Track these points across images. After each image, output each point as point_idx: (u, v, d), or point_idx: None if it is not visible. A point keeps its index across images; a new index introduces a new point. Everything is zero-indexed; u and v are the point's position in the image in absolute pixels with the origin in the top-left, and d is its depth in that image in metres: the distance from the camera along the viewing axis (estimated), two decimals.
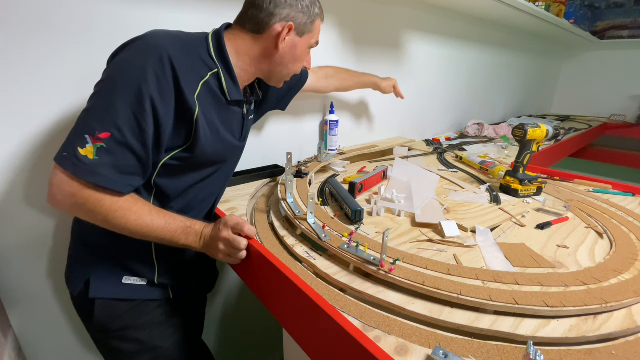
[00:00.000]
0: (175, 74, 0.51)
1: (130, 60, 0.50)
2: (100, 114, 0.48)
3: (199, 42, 0.58)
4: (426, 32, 1.49)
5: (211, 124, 0.59)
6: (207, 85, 0.57)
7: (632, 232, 0.67)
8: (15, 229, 0.68)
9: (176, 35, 0.56)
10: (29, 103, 0.63)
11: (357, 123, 1.32)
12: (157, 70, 0.49)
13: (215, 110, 0.60)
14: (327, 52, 1.13)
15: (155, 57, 0.50)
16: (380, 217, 0.73)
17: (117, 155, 0.49)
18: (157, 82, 0.49)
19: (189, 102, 0.53)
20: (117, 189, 0.50)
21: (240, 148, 0.72)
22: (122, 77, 0.49)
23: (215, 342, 1.15)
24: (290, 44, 0.63)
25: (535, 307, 0.43)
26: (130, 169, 0.51)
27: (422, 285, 0.47)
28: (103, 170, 0.48)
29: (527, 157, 0.87)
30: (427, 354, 0.38)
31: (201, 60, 0.56)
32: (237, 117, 0.67)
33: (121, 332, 0.64)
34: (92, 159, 0.47)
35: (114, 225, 0.52)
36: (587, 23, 2.59)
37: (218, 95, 0.59)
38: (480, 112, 2.08)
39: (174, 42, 0.53)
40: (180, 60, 0.52)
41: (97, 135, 0.47)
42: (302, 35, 0.64)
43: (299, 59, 0.67)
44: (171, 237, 0.56)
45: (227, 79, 0.60)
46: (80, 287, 0.62)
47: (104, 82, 0.51)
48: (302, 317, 0.49)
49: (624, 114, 2.51)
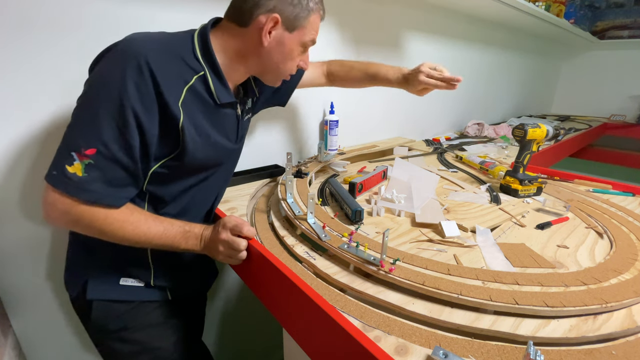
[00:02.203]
0: (155, 82, 0.48)
1: (109, 71, 0.49)
2: (84, 130, 0.47)
3: (182, 43, 0.55)
4: (426, 32, 1.49)
5: (200, 129, 0.56)
6: (193, 90, 0.54)
7: (632, 232, 0.67)
8: (15, 229, 0.68)
9: (157, 38, 0.53)
10: (29, 102, 0.63)
11: (357, 123, 1.32)
12: (137, 80, 0.47)
13: (205, 115, 0.57)
14: (327, 52, 1.13)
15: (133, 66, 0.47)
16: (380, 217, 0.73)
17: (106, 171, 0.48)
18: (137, 93, 0.47)
19: (172, 110, 0.51)
20: (110, 203, 0.50)
21: (236, 150, 0.70)
22: (102, 90, 0.48)
23: (215, 342, 1.15)
24: (277, 39, 0.58)
25: (535, 307, 0.43)
26: (121, 181, 0.51)
27: (422, 285, 0.47)
28: (93, 186, 0.48)
29: (527, 157, 0.87)
30: (427, 354, 0.38)
31: (185, 63, 0.53)
32: (231, 119, 0.64)
33: (119, 333, 0.63)
34: (82, 175, 0.46)
35: (112, 237, 0.52)
36: (587, 23, 2.59)
37: (206, 99, 0.56)
38: (480, 112, 2.08)
39: (153, 47, 0.50)
40: (161, 67, 0.49)
41: (83, 152, 0.46)
42: (292, 31, 0.58)
43: (289, 57, 0.61)
44: (171, 243, 0.56)
45: (215, 82, 0.57)
46: (78, 289, 0.62)
47: (85, 96, 0.50)
48: (302, 317, 0.49)
49: (624, 114, 2.51)
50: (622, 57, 2.59)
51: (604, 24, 2.66)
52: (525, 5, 1.46)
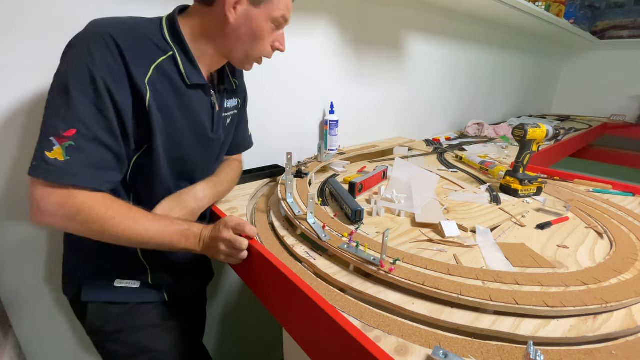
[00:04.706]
0: (122, 55, 0.48)
1: (75, 52, 0.48)
2: (60, 112, 0.46)
3: (149, 25, 0.54)
4: (426, 32, 1.49)
5: (166, 111, 0.55)
6: (161, 70, 0.53)
7: (632, 232, 0.67)
8: (15, 230, 0.68)
9: (121, 19, 0.52)
10: (26, 102, 0.63)
11: (357, 123, 1.32)
12: (103, 52, 0.47)
13: (174, 97, 0.56)
14: (328, 52, 1.13)
15: (99, 41, 0.47)
16: (380, 217, 0.73)
17: (88, 152, 0.47)
18: (105, 63, 0.47)
19: (139, 86, 0.50)
20: (93, 187, 0.48)
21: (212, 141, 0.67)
22: (70, 70, 0.47)
23: (215, 341, 1.15)
24: (243, 15, 0.56)
25: (535, 307, 0.43)
26: (105, 163, 0.49)
27: (422, 285, 0.47)
28: (76, 169, 0.46)
29: (527, 157, 0.87)
30: (427, 354, 0.38)
31: (152, 43, 0.53)
32: (204, 105, 0.62)
33: (115, 335, 0.63)
34: (63, 160, 0.45)
35: (111, 234, 0.50)
36: (587, 23, 2.59)
37: (175, 80, 0.55)
38: (480, 112, 2.08)
39: (117, 25, 0.50)
40: (126, 41, 0.49)
41: (62, 134, 0.45)
42: (259, 5, 0.56)
43: (259, 35, 0.59)
44: (170, 241, 0.55)
45: (185, 62, 0.56)
46: (74, 291, 0.62)
47: (56, 81, 0.48)
48: (302, 317, 0.49)
49: (624, 114, 2.51)
50: (622, 57, 2.59)
51: (604, 24, 2.65)
52: (525, 5, 1.46)
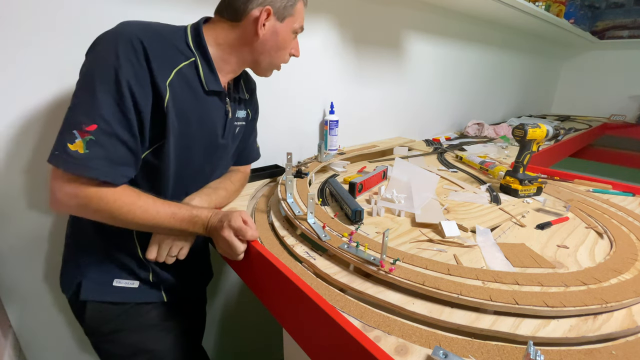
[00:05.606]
0: (147, 58, 0.51)
1: (103, 51, 0.50)
2: (84, 108, 0.48)
3: (175, 31, 0.58)
4: (426, 32, 1.49)
5: (182, 113, 0.57)
6: (182, 74, 0.56)
7: (632, 232, 0.67)
8: (15, 229, 0.68)
9: (148, 24, 0.55)
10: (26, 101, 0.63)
11: (357, 123, 1.32)
12: (130, 55, 0.50)
13: (191, 101, 0.58)
14: (328, 52, 1.13)
15: (127, 43, 0.50)
16: (380, 217, 0.73)
17: (107, 147, 0.49)
18: (131, 66, 0.50)
19: (160, 87, 0.53)
20: (110, 180, 0.50)
21: (221, 147, 0.69)
22: (97, 69, 0.49)
23: (215, 341, 1.15)
24: (271, 30, 0.62)
25: (535, 307, 0.43)
26: (121, 159, 0.51)
27: (422, 285, 0.47)
28: (95, 163, 0.48)
29: (527, 157, 0.87)
30: (427, 354, 0.38)
31: (176, 48, 0.56)
32: (219, 112, 0.65)
33: (112, 335, 0.63)
34: (83, 152, 0.47)
35: (122, 220, 0.53)
36: (587, 23, 2.59)
37: (194, 85, 0.58)
38: (480, 112, 2.08)
39: (145, 29, 0.53)
40: (152, 45, 0.52)
41: (84, 128, 0.47)
42: (283, 20, 0.62)
43: (283, 46, 0.65)
44: (179, 227, 0.57)
45: (205, 69, 0.59)
46: (72, 290, 0.62)
47: (82, 77, 0.51)
48: (302, 317, 0.49)
49: (624, 114, 2.51)
50: (622, 57, 2.59)
51: (604, 24, 2.65)
52: (525, 5, 1.46)
